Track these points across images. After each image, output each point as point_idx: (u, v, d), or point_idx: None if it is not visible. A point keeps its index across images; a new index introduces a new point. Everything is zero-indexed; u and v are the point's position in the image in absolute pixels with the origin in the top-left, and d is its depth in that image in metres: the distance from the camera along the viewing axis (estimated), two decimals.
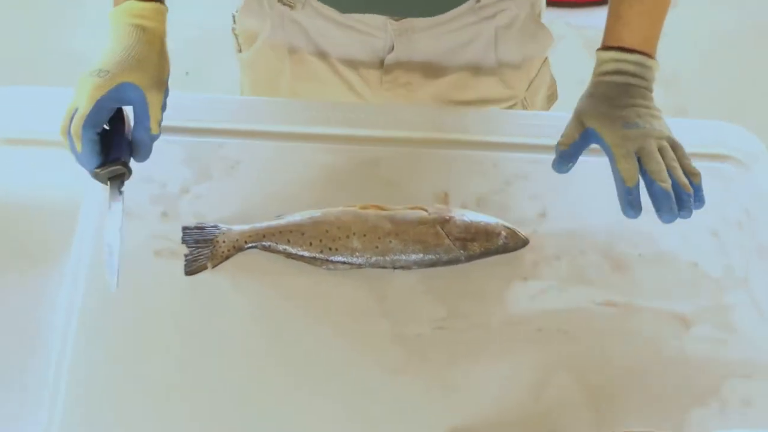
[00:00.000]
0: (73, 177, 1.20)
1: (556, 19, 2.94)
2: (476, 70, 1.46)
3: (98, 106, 1.11)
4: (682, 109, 2.84)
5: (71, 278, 1.17)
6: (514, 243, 1.21)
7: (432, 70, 1.45)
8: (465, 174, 1.29)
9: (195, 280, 1.18)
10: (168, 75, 1.19)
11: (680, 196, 1.13)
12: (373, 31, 1.40)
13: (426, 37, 1.40)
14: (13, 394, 1.14)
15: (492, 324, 1.17)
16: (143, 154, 1.16)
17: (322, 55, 1.45)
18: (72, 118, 1.11)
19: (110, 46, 1.17)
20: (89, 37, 2.76)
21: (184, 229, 1.20)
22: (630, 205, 1.14)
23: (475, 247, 1.19)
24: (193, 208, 1.23)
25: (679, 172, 1.15)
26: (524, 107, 1.54)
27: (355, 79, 1.46)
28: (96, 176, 1.14)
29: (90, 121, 1.10)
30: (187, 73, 2.85)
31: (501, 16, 1.41)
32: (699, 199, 1.15)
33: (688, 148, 1.30)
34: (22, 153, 1.28)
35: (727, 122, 1.41)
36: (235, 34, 1.54)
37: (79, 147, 1.11)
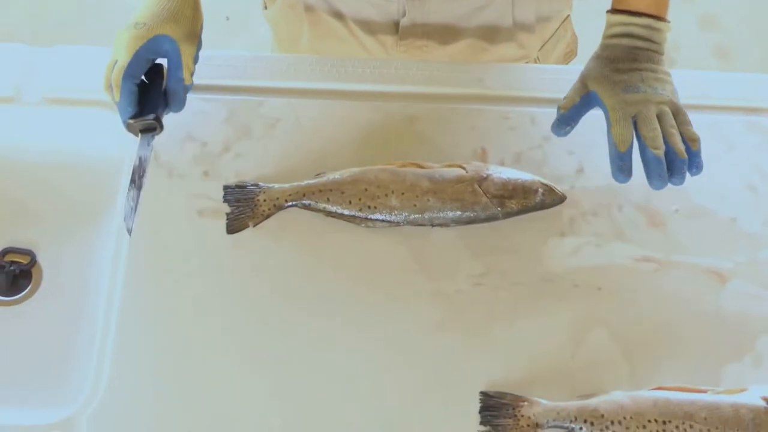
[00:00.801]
0: (116, 135, 1.22)
1: None
2: (492, 32, 1.44)
3: (136, 57, 1.15)
4: (723, 50, 2.81)
5: (115, 236, 1.19)
6: (552, 200, 1.21)
7: (447, 33, 1.44)
8: (503, 130, 1.29)
9: (237, 238, 1.19)
10: (201, 28, 1.22)
11: (673, 162, 1.14)
12: None
13: (439, 2, 1.39)
14: (63, 347, 1.17)
15: (529, 280, 1.18)
16: (177, 104, 1.19)
17: (338, 15, 1.44)
18: (113, 70, 1.15)
19: (145, 1, 1.19)
20: None
21: (226, 188, 1.22)
22: (620, 170, 1.15)
23: (513, 205, 1.20)
24: (234, 167, 1.24)
25: (676, 138, 1.15)
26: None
27: (371, 42, 1.46)
28: (129, 127, 1.18)
29: (129, 70, 1.15)
30: (227, 18, 2.84)
31: None
32: (696, 166, 1.16)
33: (724, 101, 1.31)
34: (67, 112, 1.29)
35: (765, 75, 1.39)
36: None
37: (117, 96, 1.15)
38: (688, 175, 1.15)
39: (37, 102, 1.29)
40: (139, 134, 1.19)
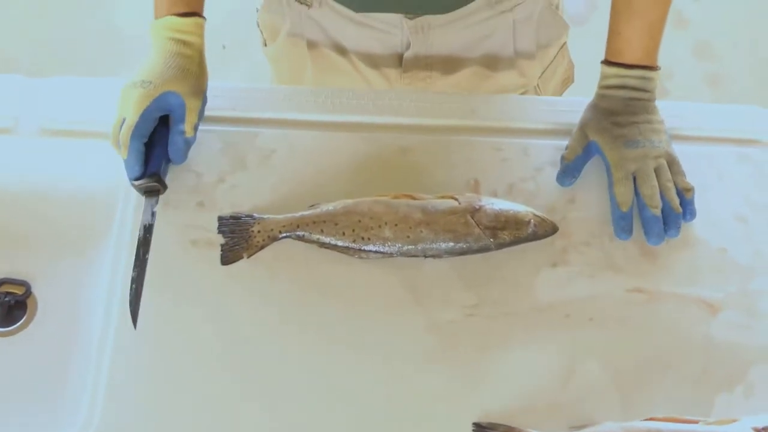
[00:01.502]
0: (112, 167, 1.23)
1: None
2: (494, 62, 1.46)
3: (144, 116, 1.17)
4: (716, 78, 2.82)
5: (110, 267, 1.20)
6: (544, 231, 1.22)
7: (450, 64, 1.45)
8: (495, 161, 1.30)
9: (231, 269, 1.20)
10: (206, 85, 1.25)
11: (668, 216, 1.21)
12: (389, 29, 1.41)
13: (443, 33, 1.40)
14: (55, 381, 1.18)
15: (521, 311, 1.19)
16: (179, 157, 1.22)
17: (342, 51, 1.46)
18: (120, 128, 1.17)
19: (152, 58, 1.23)
20: (130, 13, 2.80)
21: (220, 219, 1.22)
22: (622, 230, 1.22)
23: (505, 236, 1.20)
24: (228, 198, 1.25)
25: (672, 194, 1.22)
26: (537, 93, 1.56)
27: (375, 76, 1.47)
28: (135, 187, 1.20)
29: (138, 131, 1.17)
30: (224, 47, 2.85)
31: (519, 9, 1.41)
32: (690, 213, 1.23)
33: (716, 132, 1.32)
34: (64, 144, 1.30)
35: (756, 106, 1.40)
36: (260, 29, 1.56)
37: (125, 155, 1.17)
38: None
39: (35, 133, 1.30)
40: (144, 195, 1.21)
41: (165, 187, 1.21)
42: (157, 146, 1.20)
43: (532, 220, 1.21)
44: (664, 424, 1.08)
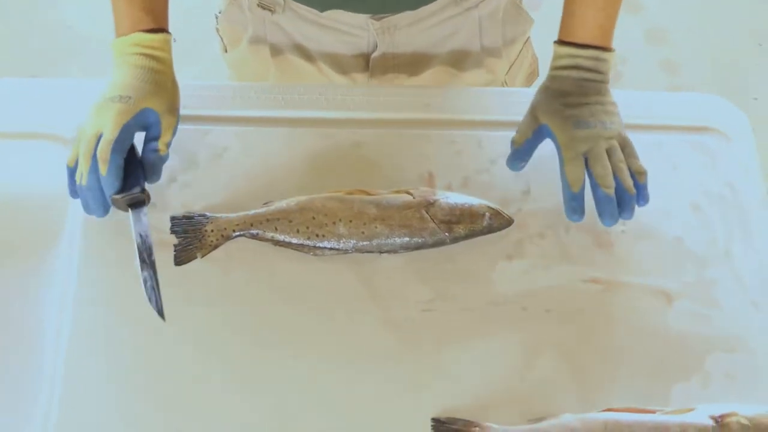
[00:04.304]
0: (60, 169, 1.21)
1: None
2: (461, 60, 1.46)
3: (124, 131, 1.16)
4: (671, 64, 2.84)
5: (63, 273, 1.19)
6: (499, 223, 1.22)
7: (417, 63, 1.45)
8: (449, 154, 1.30)
9: (185, 269, 1.19)
10: (179, 101, 1.24)
11: (622, 198, 1.19)
12: (355, 31, 1.40)
13: (409, 32, 1.40)
14: (8, 393, 1.16)
15: (478, 305, 1.19)
16: (154, 174, 1.20)
17: (308, 56, 1.45)
18: (97, 143, 1.15)
19: (124, 73, 1.21)
20: (80, 7, 2.77)
21: (173, 219, 1.21)
22: (573, 210, 1.20)
23: (460, 229, 1.20)
24: (181, 197, 1.24)
25: (625, 174, 1.19)
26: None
27: (342, 81, 1.47)
28: (115, 203, 1.18)
29: (118, 145, 1.15)
30: (174, 40, 2.82)
31: (484, 5, 1.41)
32: (643, 198, 1.21)
33: (671, 120, 1.33)
34: (8, 146, 1.28)
35: (711, 94, 1.41)
36: (220, 35, 1.55)
37: (104, 171, 1.14)
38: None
39: None
40: (129, 210, 1.19)
41: (149, 198, 1.20)
42: (129, 165, 1.18)
43: (487, 213, 1.21)
44: (621, 414, 1.09)
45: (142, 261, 1.17)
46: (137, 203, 1.18)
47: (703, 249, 1.25)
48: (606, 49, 1.25)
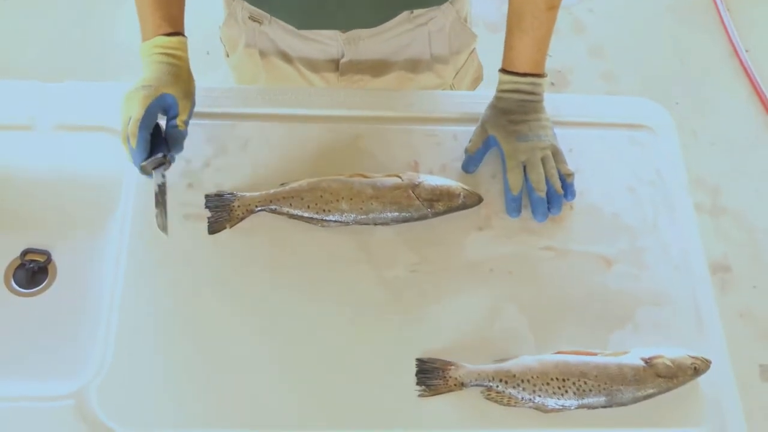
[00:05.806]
0: (115, 157, 1.22)
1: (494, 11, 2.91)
2: (414, 66, 1.46)
3: (148, 111, 1.15)
4: (609, 74, 2.85)
5: (117, 237, 1.19)
6: (471, 201, 1.22)
7: (379, 68, 1.45)
8: (431, 145, 1.30)
9: (217, 238, 1.20)
10: (194, 90, 1.23)
11: (552, 197, 1.22)
12: (327, 41, 1.40)
13: (371, 43, 1.40)
14: (74, 331, 1.17)
15: (454, 267, 1.19)
16: (175, 145, 1.19)
17: (288, 59, 1.45)
18: (128, 124, 1.15)
19: (148, 69, 1.20)
20: (129, 30, 2.76)
21: (207, 196, 1.21)
22: (513, 210, 1.23)
23: (440, 206, 1.21)
24: (213, 179, 1.24)
25: (555, 179, 1.23)
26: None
27: (317, 79, 1.46)
28: (143, 170, 1.17)
29: (143, 123, 1.14)
30: (208, 53, 2.81)
31: (432, 22, 1.41)
32: (571, 193, 1.25)
33: (610, 119, 1.34)
34: (74, 138, 1.28)
35: (643, 98, 1.41)
36: (223, 42, 1.55)
37: (134, 144, 1.14)
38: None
39: (49, 129, 1.27)
40: (153, 172, 1.18)
41: (170, 162, 1.18)
42: (156, 139, 1.17)
43: (461, 193, 1.21)
44: (570, 356, 1.10)
45: (157, 202, 1.17)
46: (158, 165, 1.17)
47: (636, 223, 1.25)
48: (540, 75, 1.28)
